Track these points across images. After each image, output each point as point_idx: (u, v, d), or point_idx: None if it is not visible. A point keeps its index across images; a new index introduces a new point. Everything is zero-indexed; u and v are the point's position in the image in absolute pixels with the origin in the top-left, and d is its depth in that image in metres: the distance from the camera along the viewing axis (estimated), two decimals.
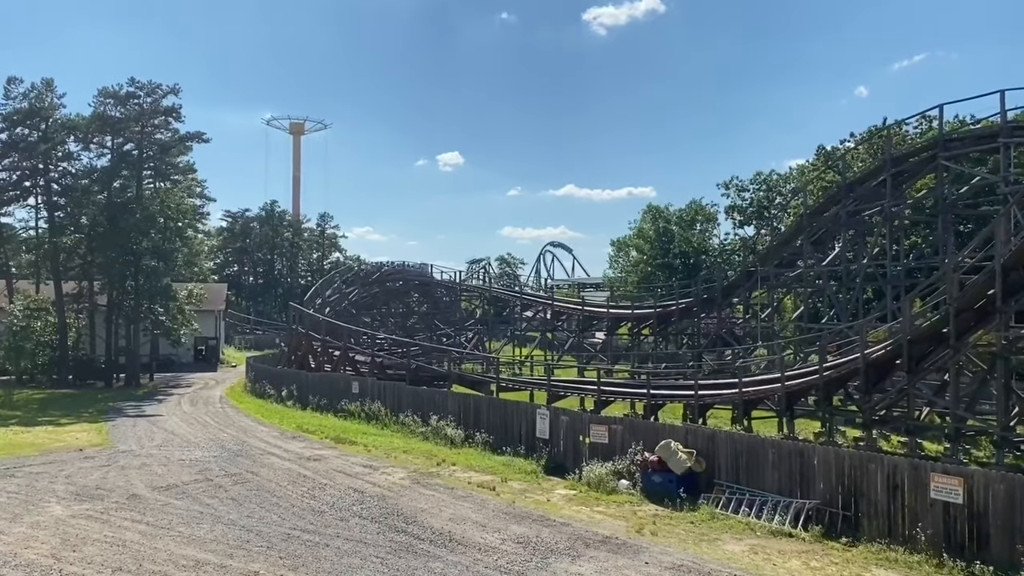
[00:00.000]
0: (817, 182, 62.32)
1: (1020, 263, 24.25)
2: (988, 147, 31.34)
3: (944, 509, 15.12)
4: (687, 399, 32.02)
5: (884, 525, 16.05)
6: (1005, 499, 14.33)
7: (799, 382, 29.33)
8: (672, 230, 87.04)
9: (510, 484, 21.90)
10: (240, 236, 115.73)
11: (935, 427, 29.12)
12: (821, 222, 40.08)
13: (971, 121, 43.40)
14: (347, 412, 34.48)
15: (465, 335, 67.77)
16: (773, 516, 17.60)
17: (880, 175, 35.78)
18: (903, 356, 26.61)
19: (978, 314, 25.73)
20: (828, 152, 74.07)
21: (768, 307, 45.96)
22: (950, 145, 31.89)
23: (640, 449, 21.08)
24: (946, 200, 33.66)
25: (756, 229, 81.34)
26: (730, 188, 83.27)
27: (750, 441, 19.77)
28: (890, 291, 36.21)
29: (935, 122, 54.67)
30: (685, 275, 79.01)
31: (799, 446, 18.69)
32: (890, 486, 16.11)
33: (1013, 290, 24.41)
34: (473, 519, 18.00)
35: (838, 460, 17.31)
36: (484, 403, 28.71)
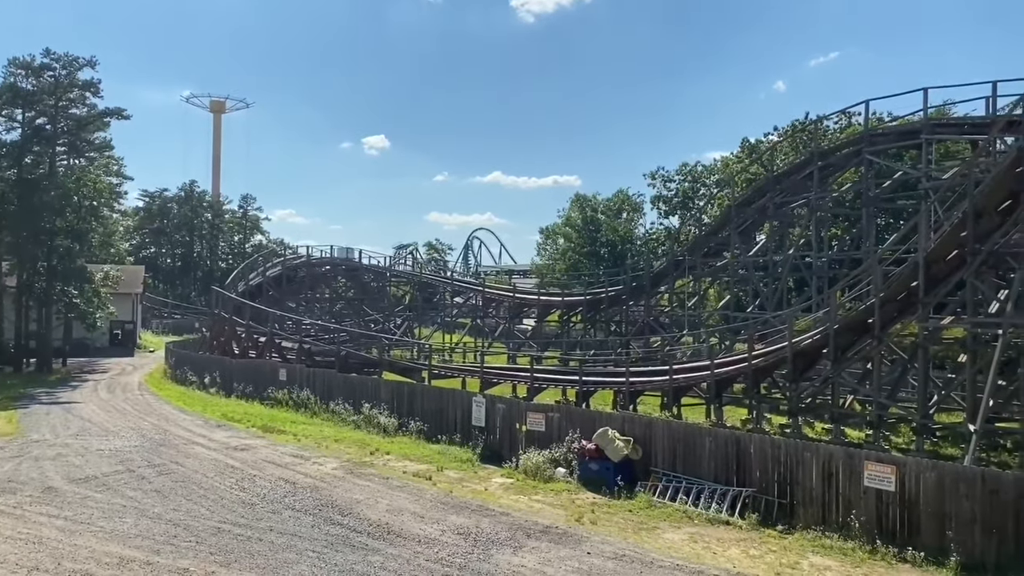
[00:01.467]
0: (742, 174, 63.56)
1: (941, 257, 25.09)
2: (910, 143, 32.35)
3: (877, 496, 15.48)
4: (619, 386, 32.27)
5: (819, 512, 16.35)
6: (936, 486, 14.74)
7: (728, 370, 29.83)
8: (599, 219, 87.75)
9: (446, 473, 21.61)
10: (158, 217, 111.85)
11: (858, 415, 30.01)
12: (748, 213, 40.82)
13: (888, 118, 44.83)
14: (274, 400, 33.58)
15: (394, 321, 66.97)
16: (710, 504, 17.77)
17: (807, 168, 36.59)
18: (829, 345, 27.30)
19: (901, 305, 26.55)
20: (752, 145, 75.64)
21: (695, 296, 46.70)
22: (875, 140, 32.81)
23: (577, 437, 21.05)
24: (869, 194, 34.64)
25: (681, 219, 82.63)
26: (656, 178, 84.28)
27: (687, 429, 19.94)
28: (814, 282, 37.14)
29: (855, 118, 56.53)
30: (611, 263, 79.79)
31: (735, 434, 18.91)
32: (825, 474, 16.42)
33: (934, 283, 25.24)
34: (411, 510, 17.66)
35: (774, 448, 17.57)
36: (418, 391, 28.31)
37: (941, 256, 25.12)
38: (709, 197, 78.34)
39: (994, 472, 15.01)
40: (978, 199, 23.55)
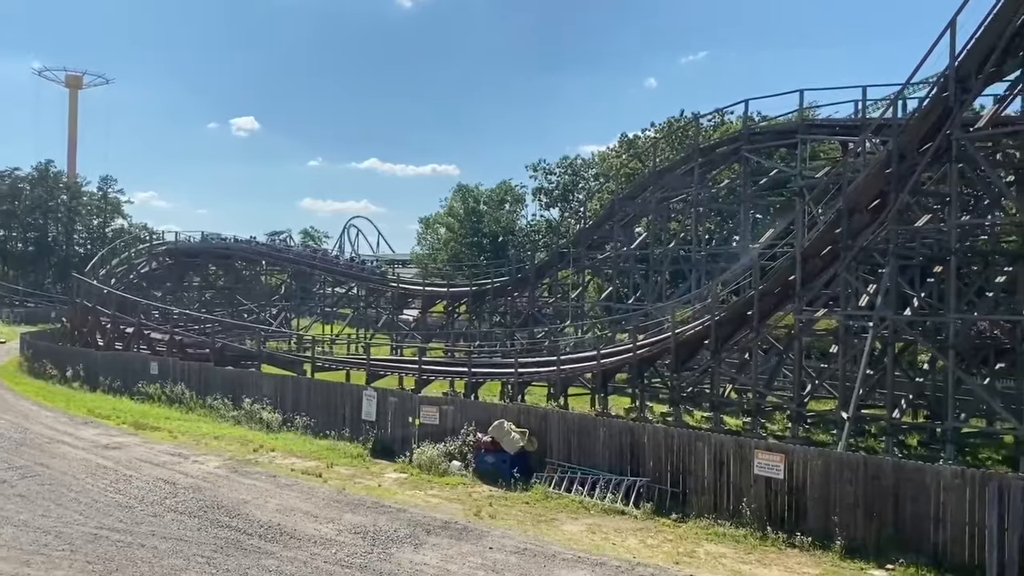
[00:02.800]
0: (621, 169, 65.00)
1: (816, 252, 26.35)
2: (787, 142, 33.86)
3: (766, 484, 16.04)
4: (508, 377, 32.33)
5: (711, 501, 16.81)
6: (822, 473, 15.40)
7: (615, 360, 30.40)
8: (482, 210, 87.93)
9: (337, 469, 20.99)
10: (7, 198, 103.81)
11: (736, 403, 31.19)
12: (631, 207, 41.71)
13: (758, 118, 46.84)
14: (145, 395, 31.75)
15: (269, 311, 64.84)
16: (605, 494, 17.98)
17: (688, 164, 37.72)
18: (711, 336, 28.24)
19: (778, 298, 27.76)
20: (630, 140, 77.46)
21: (578, 288, 47.43)
22: (753, 139, 34.17)
23: (472, 430, 20.88)
24: (747, 191, 36.08)
25: (561, 212, 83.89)
26: (538, 171, 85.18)
27: (582, 420, 20.12)
28: (693, 274, 38.36)
29: (727, 116, 58.85)
30: (494, 254, 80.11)
31: (629, 425, 19.21)
32: (717, 463, 16.89)
33: (810, 277, 26.50)
34: (303, 509, 17.01)
35: (667, 439, 17.94)
36: (304, 384, 27.39)
37: (816, 251, 26.39)
38: (589, 191, 79.84)
39: (875, 459, 15.83)
40: (851, 198, 24.84)
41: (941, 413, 26.32)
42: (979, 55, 22.27)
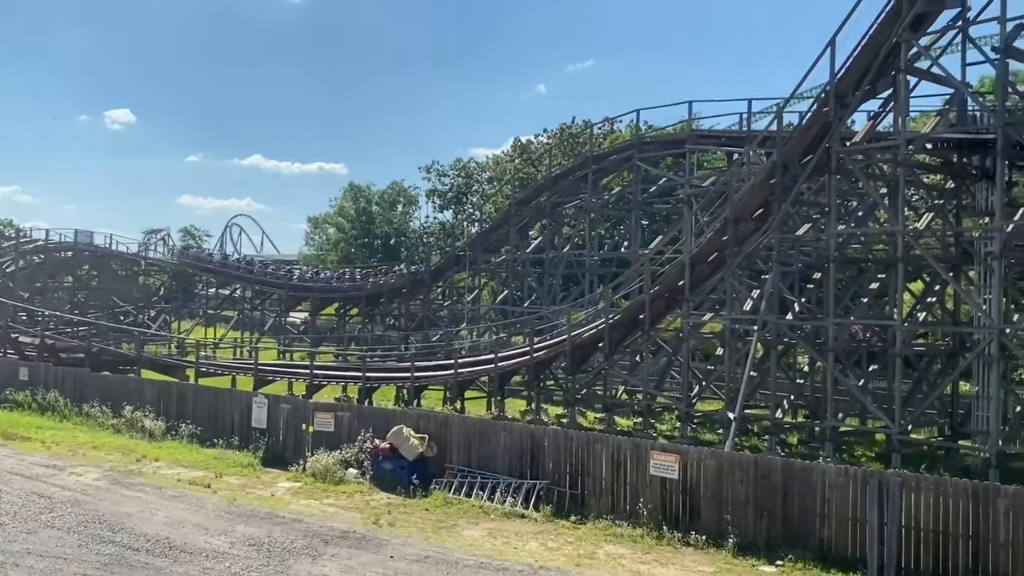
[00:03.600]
0: (515, 173, 65.57)
1: (704, 258, 27.27)
2: (676, 152, 34.93)
3: (662, 484, 16.45)
4: (403, 381, 32.00)
5: (609, 502, 17.10)
6: (715, 473, 15.92)
7: (512, 363, 30.55)
8: (373, 211, 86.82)
9: (227, 479, 20.24)
10: None
11: (628, 404, 31.90)
12: (526, 211, 42.09)
13: (645, 127, 48.19)
14: (14, 403, 29.75)
15: (147, 314, 62.02)
16: (505, 498, 18.02)
17: (582, 171, 38.38)
18: (605, 339, 28.79)
19: (668, 302, 28.59)
20: (524, 145, 78.19)
21: (473, 291, 47.49)
22: (644, 147, 35.09)
23: (370, 436, 20.55)
24: (638, 198, 37.03)
25: (455, 214, 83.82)
26: (431, 172, 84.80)
27: (482, 425, 20.12)
28: (587, 279, 39.04)
29: (616, 125, 60.31)
30: (385, 256, 79.24)
31: (530, 428, 19.36)
32: (614, 464, 17.20)
33: (698, 281, 27.40)
34: (193, 521, 16.31)
35: (567, 441, 18.16)
36: (190, 391, 26.31)
37: (704, 257, 27.31)
38: (483, 194, 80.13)
39: (766, 458, 16.49)
40: (737, 207, 25.81)
41: (819, 413, 27.69)
42: (856, 74, 23.57)
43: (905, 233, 23.05)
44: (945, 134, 24.16)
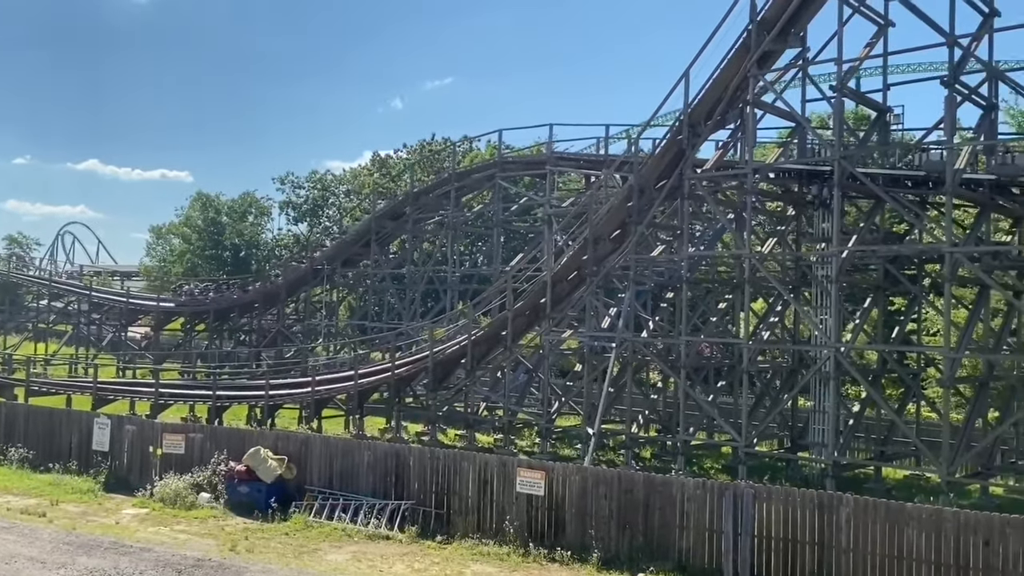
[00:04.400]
0: (374, 187, 64.86)
1: (564, 276, 27.91)
2: (536, 172, 35.64)
3: (528, 501, 16.57)
4: (257, 399, 30.82)
5: (475, 520, 17.05)
6: (580, 488, 16.20)
7: (373, 380, 30.09)
8: (223, 221, 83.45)
9: (64, 507, 18.76)
10: None
11: (488, 420, 32.05)
12: (388, 226, 41.65)
13: (503, 147, 48.95)
14: None
15: None
16: (369, 520, 17.62)
17: (444, 187, 38.44)
18: (467, 355, 28.86)
19: (529, 319, 29.02)
20: (383, 159, 77.63)
21: (330, 305, 46.44)
22: (506, 167, 35.58)
23: (224, 458, 19.61)
24: (499, 215, 37.47)
25: (310, 227, 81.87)
26: (285, 184, 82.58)
27: (345, 444, 19.64)
28: (448, 295, 39.05)
29: (475, 144, 61.07)
30: (235, 268, 76.23)
31: (395, 447, 19.05)
32: (481, 482, 17.18)
33: (558, 299, 27.98)
34: (27, 555, 14.98)
35: (433, 460, 17.98)
36: (21, 412, 24.24)
37: (564, 276, 27.97)
38: (340, 207, 78.78)
39: (629, 473, 16.93)
40: (597, 227, 26.60)
41: (671, 427, 28.86)
42: (708, 104, 24.90)
43: (751, 256, 24.46)
44: (787, 165, 25.85)
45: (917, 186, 25.00)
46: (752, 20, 23.69)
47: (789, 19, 23.32)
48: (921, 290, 26.37)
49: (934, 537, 13.30)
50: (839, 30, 22.66)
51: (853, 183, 23.16)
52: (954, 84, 21.27)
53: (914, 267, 26.58)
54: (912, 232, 28.06)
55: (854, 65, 23.89)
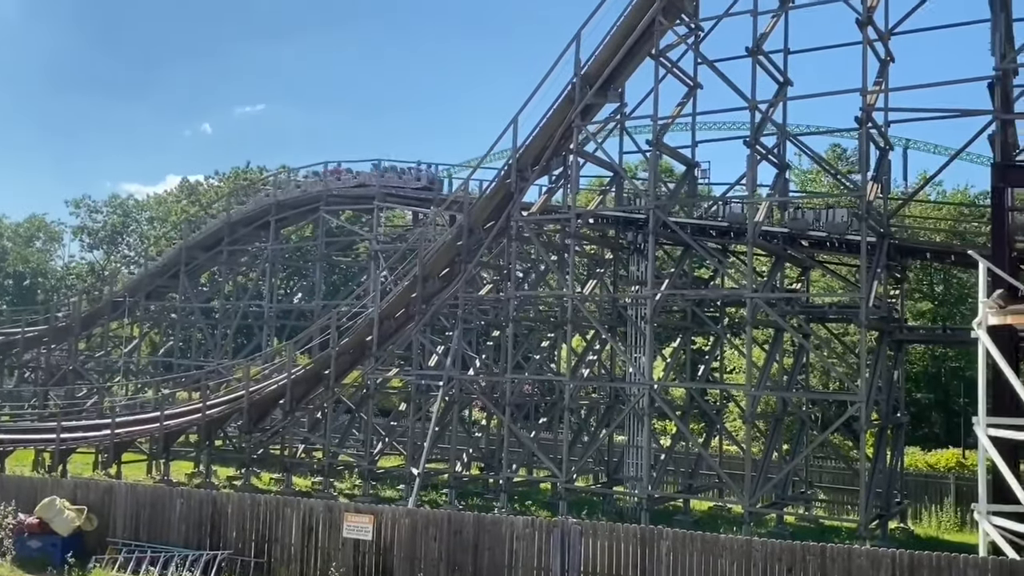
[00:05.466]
0: (181, 215, 61.65)
1: (391, 314, 27.68)
2: (364, 207, 35.19)
3: (355, 547, 16.11)
4: (46, 443, 28.10)
5: (298, 569, 16.37)
6: (409, 531, 15.96)
7: (181, 421, 28.34)
8: (5, 246, 76.22)
9: None
10: None
11: (307, 463, 30.93)
12: (200, 257, 39.58)
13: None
14: None
15: None
16: (181, 572, 16.47)
17: (263, 218, 37.12)
18: (287, 395, 27.83)
19: (353, 357, 28.44)
20: (192, 185, 74.10)
21: (132, 340, 43.29)
22: (332, 200, 34.86)
23: (12, 510, 17.73)
24: (323, 249, 36.63)
25: (107, 255, 76.44)
26: (80, 207, 76.88)
27: (155, 492, 18.28)
28: (264, 331, 37.55)
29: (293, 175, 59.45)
30: (18, 298, 69.72)
31: (212, 495, 17.96)
32: (305, 529, 16.55)
33: (385, 337, 27.68)
34: None
35: (253, 506, 17.13)
36: None
37: (392, 313, 27.73)
38: (142, 235, 74.14)
39: (459, 514, 16.83)
40: (427, 265, 26.66)
41: (494, 465, 29.16)
42: (535, 151, 25.77)
43: (573, 297, 25.38)
44: (606, 211, 27.14)
45: (721, 235, 27.04)
46: (576, 74, 24.86)
47: (609, 76, 24.66)
48: (723, 331, 28.38)
49: (744, 565, 14.18)
50: (655, 87, 24.24)
51: (665, 231, 24.66)
52: (755, 144, 23.26)
53: (716, 309, 28.59)
54: (715, 277, 30.18)
55: (667, 122, 25.55)
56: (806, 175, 51.91)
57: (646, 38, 24.10)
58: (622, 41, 24.35)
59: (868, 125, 21.88)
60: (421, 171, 33.75)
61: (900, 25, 23.85)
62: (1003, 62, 20.03)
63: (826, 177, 51.69)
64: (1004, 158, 19.93)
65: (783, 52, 24.99)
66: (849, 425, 23.30)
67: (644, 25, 23.84)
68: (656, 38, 23.93)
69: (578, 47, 24.84)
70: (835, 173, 32.97)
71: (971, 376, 37.59)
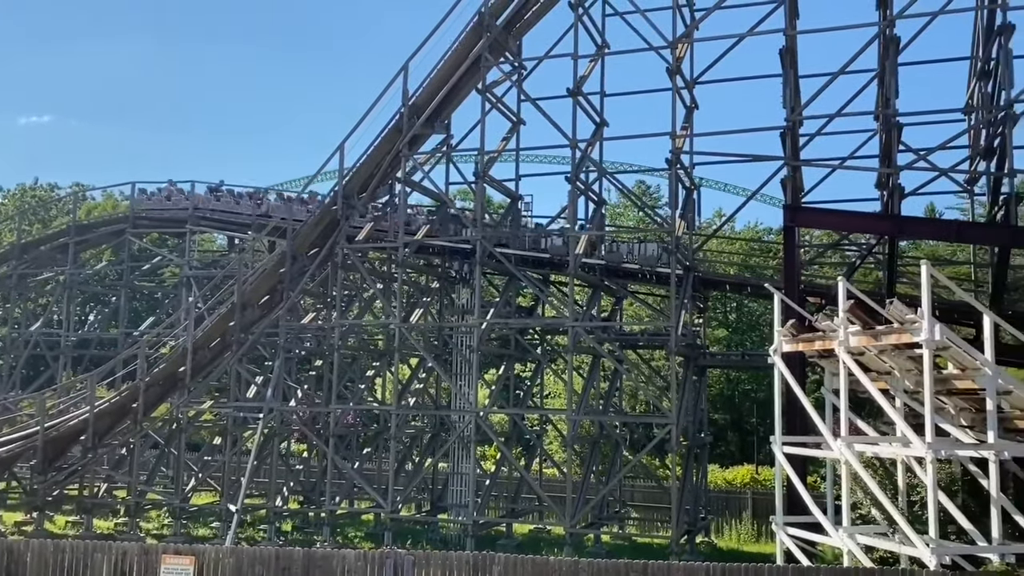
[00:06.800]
0: None
1: (206, 343, 26.50)
2: (176, 231, 33.34)
3: None
4: None
5: None
6: (234, 571, 15.24)
7: None
8: None
9: None
10: None
11: (111, 502, 28.74)
12: None
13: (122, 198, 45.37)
14: None
15: None
16: None
17: (61, 240, 34.37)
18: (88, 431, 25.83)
19: (164, 389, 26.90)
20: None
21: None
22: (139, 223, 32.77)
23: None
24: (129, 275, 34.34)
25: None
26: None
27: None
28: (60, 361, 34.61)
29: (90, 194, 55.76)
30: None
31: (7, 543, 16.35)
32: (118, 574, 15.45)
33: (199, 368, 26.42)
34: None
35: (57, 553, 15.73)
36: None
37: (207, 343, 26.52)
38: None
39: (287, 550, 16.28)
40: (246, 292, 25.76)
41: (314, 498, 28.43)
42: (362, 178, 25.71)
43: (400, 326, 25.38)
44: (434, 240, 27.40)
45: (542, 266, 28.03)
46: (404, 104, 25.10)
47: (437, 107, 25.09)
48: (545, 358, 29.35)
49: None
50: (481, 121, 24.93)
51: (491, 260, 25.28)
52: (575, 180, 24.44)
53: (537, 337, 29.53)
54: (537, 306, 31.19)
55: (493, 155, 26.30)
56: (614, 209, 54.84)
57: (472, 72, 24.77)
58: (450, 74, 24.88)
59: (677, 166, 23.59)
60: (262, 198, 32.47)
61: (704, 75, 25.95)
62: (792, 114, 22.33)
63: (633, 211, 55.12)
64: (794, 200, 22.17)
65: (600, 94, 26.46)
66: (660, 446, 24.81)
67: (471, 60, 24.51)
68: (482, 73, 24.65)
69: (406, 77, 25.13)
70: (648, 209, 35.18)
71: (762, 397, 41.17)
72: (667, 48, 23.65)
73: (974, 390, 14.55)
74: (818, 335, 16.62)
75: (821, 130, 23.30)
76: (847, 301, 15.48)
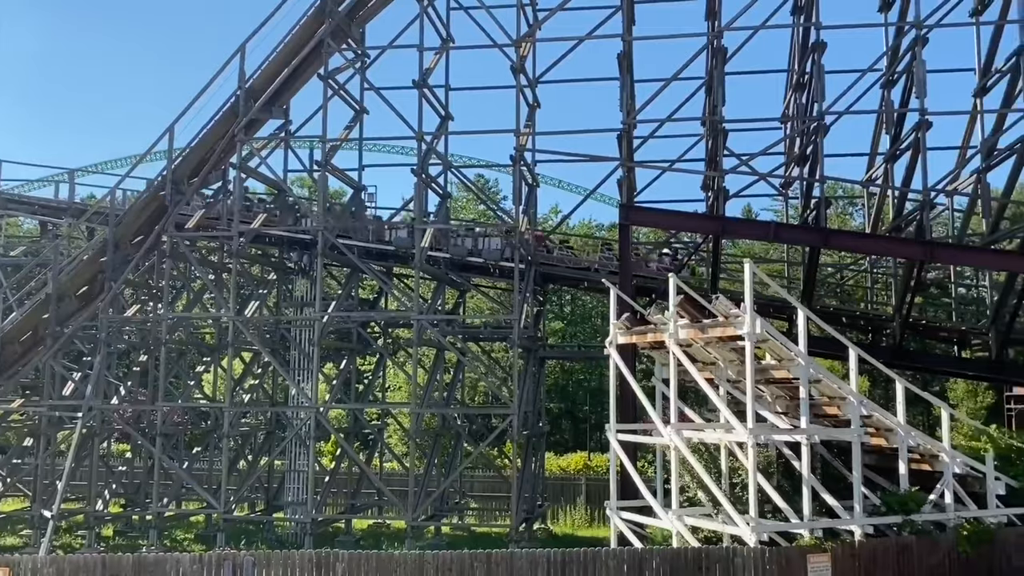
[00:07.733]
0: None
1: (15, 338, 24.51)
2: None
3: None
4: None
5: None
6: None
7: None
8: None
9: None
10: None
11: None
12: None
13: None
14: None
15: None
16: None
17: None
18: None
19: None
20: None
21: None
22: None
23: None
24: None
25: None
26: None
27: None
28: None
29: None
30: None
31: None
32: None
33: (8, 364, 24.40)
34: None
35: None
36: None
37: (16, 337, 24.49)
38: None
39: (115, 557, 15.28)
40: (62, 283, 23.94)
41: (139, 500, 26.88)
42: (194, 162, 24.47)
43: (233, 319, 24.36)
44: (273, 230, 26.48)
45: (386, 258, 27.75)
46: (241, 86, 24.11)
47: (276, 92, 24.30)
48: (387, 351, 29.10)
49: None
50: (323, 107, 24.26)
51: (333, 252, 24.75)
52: (421, 173, 24.35)
53: (379, 330, 29.23)
54: (379, 299, 30.85)
55: (335, 144, 25.71)
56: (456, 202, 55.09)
57: (314, 58, 24.15)
58: (289, 58, 24.16)
59: (520, 163, 24.02)
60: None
61: (546, 75, 26.48)
62: (628, 118, 23.23)
63: (475, 205, 55.60)
64: (628, 200, 23.12)
65: (445, 88, 26.44)
66: (500, 436, 25.23)
67: (312, 45, 23.88)
68: (325, 59, 24.07)
69: (243, 59, 24.15)
70: (493, 205, 35.56)
71: (594, 387, 42.76)
72: (511, 46, 24.00)
73: (789, 379, 15.79)
74: (650, 328, 17.44)
75: (654, 133, 24.39)
76: (677, 296, 16.36)
